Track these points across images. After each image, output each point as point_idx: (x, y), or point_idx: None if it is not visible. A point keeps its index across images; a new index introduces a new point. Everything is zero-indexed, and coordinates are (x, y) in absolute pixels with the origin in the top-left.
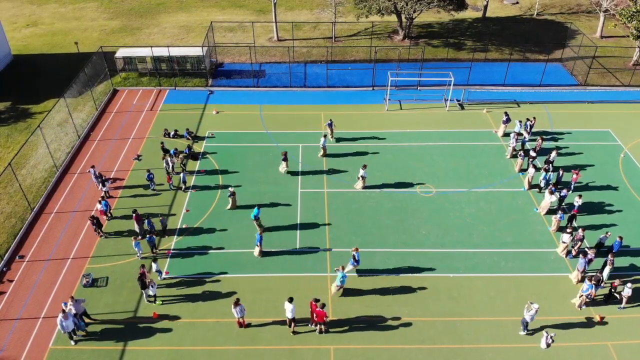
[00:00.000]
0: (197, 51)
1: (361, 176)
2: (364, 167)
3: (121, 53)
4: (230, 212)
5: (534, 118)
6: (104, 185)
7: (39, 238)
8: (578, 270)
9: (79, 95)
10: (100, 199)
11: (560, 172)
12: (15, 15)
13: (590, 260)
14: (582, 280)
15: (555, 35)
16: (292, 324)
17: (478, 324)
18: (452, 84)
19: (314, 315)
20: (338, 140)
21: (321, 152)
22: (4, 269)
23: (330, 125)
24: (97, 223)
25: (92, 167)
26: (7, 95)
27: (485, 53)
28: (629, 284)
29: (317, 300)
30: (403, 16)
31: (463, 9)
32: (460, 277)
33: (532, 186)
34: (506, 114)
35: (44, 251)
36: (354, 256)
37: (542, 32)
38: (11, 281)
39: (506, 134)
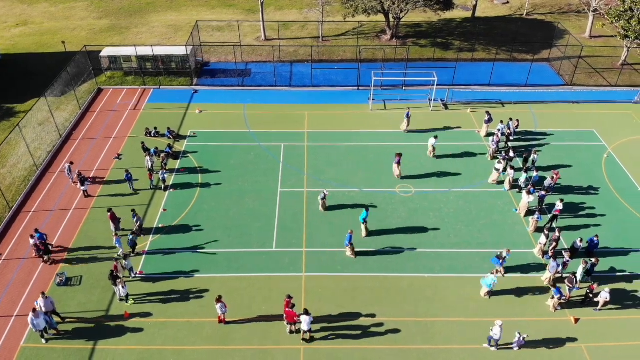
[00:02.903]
0: (181, 50)
1: (496, 168)
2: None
3: (106, 52)
4: (207, 211)
5: (518, 120)
6: (82, 185)
7: (16, 237)
8: (550, 272)
9: (62, 95)
10: (33, 231)
11: (535, 173)
12: (6, 14)
13: (565, 263)
14: (553, 282)
15: (543, 35)
16: (304, 334)
17: (451, 324)
18: (435, 84)
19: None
20: (410, 131)
21: (430, 151)
22: None
23: (408, 116)
24: (44, 250)
25: (71, 163)
26: None
27: (472, 53)
28: (607, 289)
29: (290, 298)
30: (390, 16)
31: (450, 8)
32: (436, 277)
33: (512, 186)
34: (488, 113)
35: (20, 250)
36: (504, 257)
37: (531, 32)
38: None
39: (489, 134)
